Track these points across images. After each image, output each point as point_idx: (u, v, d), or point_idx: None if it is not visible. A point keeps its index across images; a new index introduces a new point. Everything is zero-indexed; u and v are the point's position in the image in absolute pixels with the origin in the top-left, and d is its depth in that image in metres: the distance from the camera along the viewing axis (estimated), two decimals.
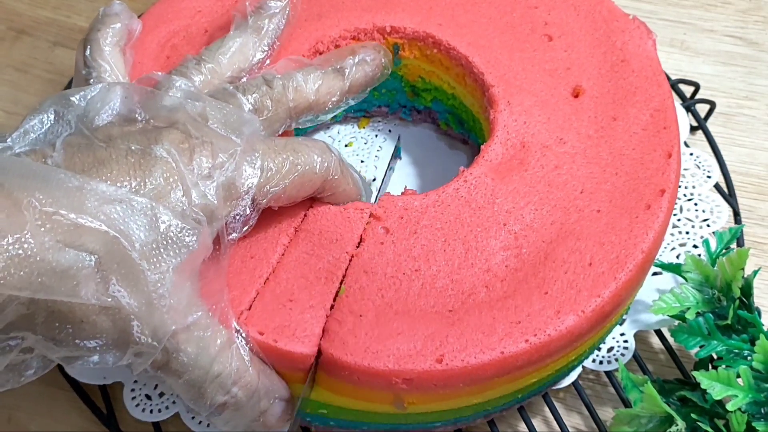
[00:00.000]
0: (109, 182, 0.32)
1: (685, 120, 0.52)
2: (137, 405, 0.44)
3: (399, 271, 0.39)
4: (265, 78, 0.41)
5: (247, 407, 0.36)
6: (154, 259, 0.32)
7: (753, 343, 0.41)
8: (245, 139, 0.36)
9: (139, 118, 0.36)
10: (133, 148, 0.33)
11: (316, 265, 0.39)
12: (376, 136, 0.52)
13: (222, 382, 0.35)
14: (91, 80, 0.41)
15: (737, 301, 0.42)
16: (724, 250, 0.45)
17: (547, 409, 0.44)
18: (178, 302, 0.32)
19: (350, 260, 0.39)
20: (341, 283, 0.38)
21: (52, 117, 0.36)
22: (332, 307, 0.38)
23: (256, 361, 0.37)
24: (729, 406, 0.38)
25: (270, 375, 0.37)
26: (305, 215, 0.41)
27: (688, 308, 0.42)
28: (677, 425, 0.38)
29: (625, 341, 0.45)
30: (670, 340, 0.45)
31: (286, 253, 0.39)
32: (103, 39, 0.42)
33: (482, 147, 0.42)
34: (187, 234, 0.33)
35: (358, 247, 0.39)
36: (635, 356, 0.45)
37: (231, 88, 0.40)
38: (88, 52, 0.42)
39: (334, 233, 0.40)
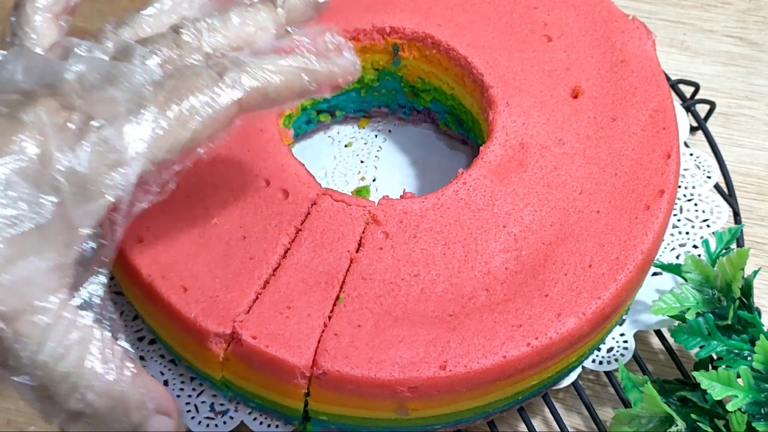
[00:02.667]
0: None
1: (685, 120, 0.52)
2: None
3: (398, 276, 0.38)
4: (173, 26, 0.36)
5: (108, 419, 0.32)
6: None
7: (753, 343, 0.41)
8: (132, 98, 0.32)
9: (28, 87, 0.32)
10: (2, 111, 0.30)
11: (317, 268, 0.39)
12: (376, 136, 0.52)
13: (74, 385, 0.30)
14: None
15: (737, 302, 0.42)
16: (724, 251, 0.45)
17: (546, 409, 0.44)
18: (12, 281, 0.29)
19: (350, 264, 0.39)
20: (341, 289, 0.38)
21: None
22: (330, 316, 0.38)
23: (130, 367, 0.32)
24: (729, 407, 0.38)
25: (151, 386, 0.33)
26: (308, 213, 0.40)
27: (688, 308, 0.42)
28: (677, 425, 0.38)
29: (625, 341, 0.44)
30: (670, 340, 0.45)
31: (288, 254, 0.39)
32: (31, 3, 0.36)
33: (481, 148, 0.42)
34: (29, 205, 0.29)
35: (357, 251, 0.39)
36: (635, 356, 0.45)
37: (133, 42, 0.35)
38: (14, 18, 0.36)
39: (336, 231, 0.40)
